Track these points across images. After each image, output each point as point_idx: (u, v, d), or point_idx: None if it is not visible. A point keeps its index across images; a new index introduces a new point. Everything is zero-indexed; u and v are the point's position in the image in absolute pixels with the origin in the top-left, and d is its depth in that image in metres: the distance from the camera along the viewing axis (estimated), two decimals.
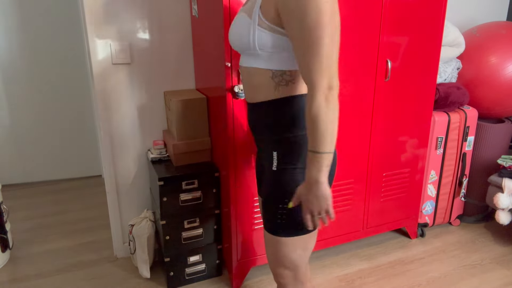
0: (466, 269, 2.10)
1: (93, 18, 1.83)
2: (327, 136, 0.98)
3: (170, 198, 1.81)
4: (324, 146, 0.98)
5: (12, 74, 2.93)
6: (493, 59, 2.28)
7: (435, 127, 2.20)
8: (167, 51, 2.01)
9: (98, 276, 2.05)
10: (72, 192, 3.04)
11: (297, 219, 1.13)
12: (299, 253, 1.19)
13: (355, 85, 1.87)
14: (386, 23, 1.84)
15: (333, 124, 0.98)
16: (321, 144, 0.98)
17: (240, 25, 1.10)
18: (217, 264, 2.00)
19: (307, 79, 0.99)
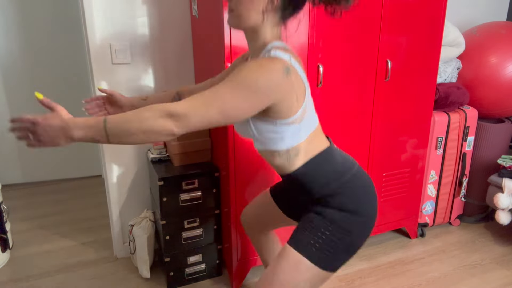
0: (466, 269, 2.10)
1: (93, 18, 1.83)
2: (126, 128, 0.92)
3: (170, 198, 1.81)
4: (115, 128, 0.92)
5: (12, 74, 2.93)
6: (493, 59, 2.28)
7: (435, 127, 2.20)
8: (167, 51, 2.01)
9: (98, 276, 2.05)
10: (72, 192, 3.04)
11: (332, 252, 1.12)
12: (305, 287, 1.13)
13: (355, 85, 1.87)
14: (386, 23, 1.84)
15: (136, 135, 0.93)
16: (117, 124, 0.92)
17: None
18: (217, 264, 2.00)
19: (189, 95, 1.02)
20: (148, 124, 0.92)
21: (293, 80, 1.05)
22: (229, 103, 0.97)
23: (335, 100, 1.85)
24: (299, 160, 1.16)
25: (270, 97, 1.01)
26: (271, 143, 1.15)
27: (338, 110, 1.87)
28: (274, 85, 1.00)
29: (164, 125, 0.93)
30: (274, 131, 1.12)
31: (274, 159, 1.19)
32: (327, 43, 1.74)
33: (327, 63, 1.77)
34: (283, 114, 1.07)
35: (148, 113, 0.93)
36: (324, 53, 1.75)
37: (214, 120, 0.98)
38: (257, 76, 0.98)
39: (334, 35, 1.74)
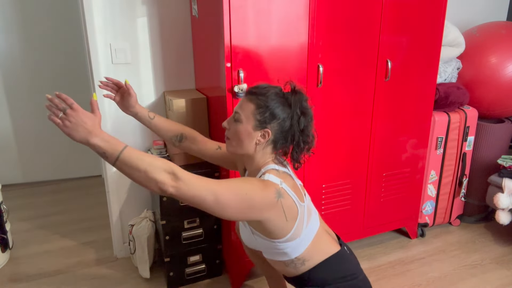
0: (466, 269, 2.10)
1: (93, 18, 1.83)
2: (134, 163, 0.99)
3: (170, 198, 1.81)
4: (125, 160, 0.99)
5: (13, 74, 2.93)
6: (493, 59, 2.28)
7: (435, 127, 2.20)
8: (167, 51, 2.01)
9: (98, 276, 2.05)
10: (72, 192, 3.04)
11: None
12: None
13: (355, 85, 1.87)
14: (386, 23, 1.84)
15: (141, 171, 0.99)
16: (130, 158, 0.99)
17: (245, 231, 1.34)
18: (217, 264, 2.00)
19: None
20: (153, 171, 0.99)
21: (284, 203, 1.15)
22: (225, 198, 1.05)
23: (335, 100, 1.85)
24: (306, 267, 1.26)
25: (261, 213, 1.12)
26: (276, 256, 1.27)
27: (338, 110, 1.87)
28: (267, 206, 1.11)
29: (164, 178, 0.99)
30: (275, 248, 1.23)
31: (281, 268, 1.31)
32: (327, 43, 1.74)
33: (327, 63, 1.77)
34: (277, 235, 1.19)
35: (161, 163, 1.01)
36: (324, 53, 1.75)
37: (206, 204, 1.04)
38: (256, 194, 1.09)
39: (334, 35, 1.74)
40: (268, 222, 1.15)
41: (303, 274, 1.27)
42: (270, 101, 1.18)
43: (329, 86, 1.81)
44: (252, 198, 1.09)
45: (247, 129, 1.19)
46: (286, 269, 1.29)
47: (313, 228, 1.26)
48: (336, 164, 1.95)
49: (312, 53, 1.72)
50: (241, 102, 1.23)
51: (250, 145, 1.21)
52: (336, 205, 2.03)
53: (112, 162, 1.00)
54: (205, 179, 1.06)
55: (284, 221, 1.17)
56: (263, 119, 1.18)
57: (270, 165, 1.22)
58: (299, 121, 1.20)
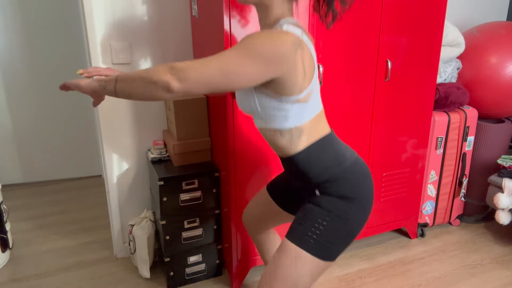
0: (466, 269, 2.10)
1: (93, 18, 1.83)
2: (129, 76, 0.98)
3: (170, 198, 1.81)
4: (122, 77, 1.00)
5: (12, 74, 2.93)
6: (493, 59, 2.28)
7: (435, 127, 2.20)
8: (167, 51, 2.01)
9: (98, 276, 2.05)
10: (72, 192, 3.04)
11: (329, 242, 1.12)
12: (307, 280, 1.13)
13: (355, 85, 1.87)
14: (386, 23, 1.84)
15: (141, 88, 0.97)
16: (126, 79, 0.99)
17: (242, 93, 1.16)
18: (217, 264, 2.00)
19: None
20: (149, 72, 0.95)
21: (303, 55, 1.02)
22: (232, 63, 0.94)
23: (335, 100, 1.85)
24: (301, 142, 1.14)
25: (275, 67, 0.97)
26: (274, 121, 1.12)
27: (338, 110, 1.87)
28: (282, 56, 0.97)
29: (162, 75, 0.93)
30: (278, 108, 1.09)
31: (276, 139, 1.16)
32: (327, 43, 1.74)
33: (327, 63, 1.77)
34: (289, 90, 1.04)
35: (157, 66, 0.96)
36: (324, 53, 1.75)
37: (214, 79, 0.94)
38: (266, 42, 0.95)
39: (334, 35, 1.74)
40: (285, 77, 1.01)
41: (297, 154, 1.15)
42: None
43: (329, 86, 1.81)
44: (264, 50, 0.95)
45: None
46: (280, 141, 1.15)
47: (318, 102, 1.15)
48: None
49: None
50: None
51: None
52: None
53: (113, 86, 1.00)
54: (204, 58, 0.96)
55: (303, 76, 1.04)
56: None
57: (289, 18, 1.09)
58: None
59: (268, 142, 1.20)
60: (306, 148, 1.14)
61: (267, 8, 1.10)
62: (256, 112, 1.14)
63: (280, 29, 1.01)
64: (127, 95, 1.00)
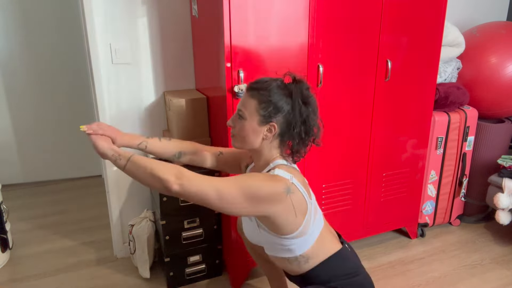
0: (466, 269, 2.10)
1: (93, 18, 1.83)
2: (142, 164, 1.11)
3: (170, 198, 1.81)
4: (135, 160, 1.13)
5: (12, 74, 2.93)
6: (493, 59, 2.28)
7: (435, 127, 2.20)
8: (167, 51, 2.01)
9: (98, 276, 2.05)
10: (72, 192, 3.04)
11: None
12: None
13: (355, 85, 1.87)
14: (386, 23, 1.84)
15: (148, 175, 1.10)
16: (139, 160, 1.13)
17: (249, 226, 1.32)
18: (217, 264, 2.00)
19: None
20: (160, 169, 1.08)
21: (293, 198, 1.13)
22: (230, 193, 1.07)
23: (335, 100, 1.85)
24: (309, 264, 1.25)
25: (266, 207, 1.10)
26: (281, 252, 1.25)
27: (338, 110, 1.87)
28: (274, 200, 1.10)
29: (169, 176, 1.06)
30: (280, 244, 1.21)
31: (285, 265, 1.29)
32: (327, 43, 1.74)
33: (327, 63, 1.77)
34: (284, 231, 1.17)
35: (169, 165, 1.10)
36: (324, 53, 1.75)
37: (210, 199, 1.07)
38: (261, 186, 1.09)
39: (334, 35, 1.74)
40: (276, 217, 1.14)
41: (306, 272, 1.26)
42: (273, 94, 1.16)
43: (329, 86, 1.81)
44: (257, 191, 1.08)
45: (252, 125, 1.18)
46: (289, 266, 1.28)
47: (319, 225, 1.26)
48: (336, 164, 1.95)
49: (312, 53, 1.72)
50: (243, 99, 1.21)
51: (257, 141, 1.20)
52: (336, 205, 2.03)
53: (124, 164, 1.13)
54: (210, 177, 1.09)
55: (294, 217, 1.15)
56: (268, 114, 1.16)
57: (278, 160, 1.21)
58: (300, 111, 1.17)
59: (281, 265, 1.33)
60: (314, 268, 1.25)
61: (258, 153, 1.24)
62: (264, 244, 1.29)
63: (272, 173, 1.15)
64: (132, 176, 1.13)
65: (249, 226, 1.31)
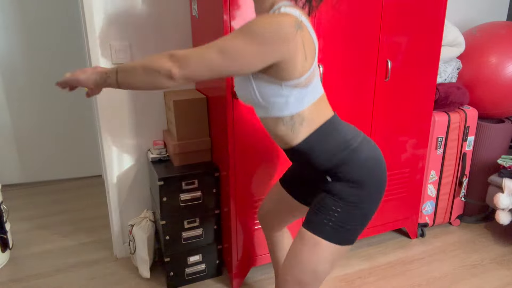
0: (466, 269, 2.10)
1: (93, 18, 1.83)
2: (130, 66, 1.01)
3: (170, 198, 1.81)
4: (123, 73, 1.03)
5: (12, 74, 2.93)
6: (493, 59, 2.28)
7: (435, 127, 2.20)
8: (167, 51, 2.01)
9: (98, 276, 2.05)
10: (72, 192, 3.04)
11: (346, 227, 1.13)
12: (326, 266, 1.15)
13: (355, 85, 1.87)
14: (386, 23, 1.84)
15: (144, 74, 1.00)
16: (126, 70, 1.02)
17: (240, 82, 1.15)
18: (217, 264, 2.00)
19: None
20: (150, 61, 0.98)
21: (303, 36, 1.01)
22: (232, 45, 0.95)
23: (335, 100, 1.85)
24: (304, 129, 1.13)
25: (275, 48, 0.97)
26: (275, 109, 1.11)
27: (338, 110, 1.87)
28: (282, 36, 0.96)
29: (163, 63, 0.96)
30: (277, 94, 1.08)
31: (278, 128, 1.15)
32: (327, 43, 1.74)
33: (327, 63, 1.77)
34: (289, 74, 1.03)
35: (156, 55, 0.99)
36: (324, 53, 1.75)
37: (215, 62, 0.96)
38: (266, 24, 0.95)
39: (334, 35, 1.74)
40: (283, 60, 1.00)
41: (300, 145, 1.15)
42: None
43: (329, 86, 1.81)
44: (264, 32, 0.94)
45: None
46: (281, 130, 1.14)
47: (318, 87, 1.14)
48: None
49: None
50: None
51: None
52: None
53: (115, 78, 1.03)
54: (205, 44, 0.99)
55: (303, 58, 1.02)
56: None
57: (284, 1, 1.08)
58: None
59: (270, 133, 1.19)
60: (309, 136, 1.14)
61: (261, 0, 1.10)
62: (256, 101, 1.13)
63: (278, 12, 1.01)
64: (130, 85, 1.02)
65: (243, 82, 1.13)
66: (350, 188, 1.13)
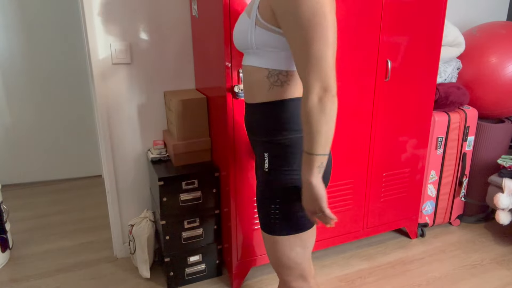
0: (466, 269, 2.10)
1: (93, 18, 1.83)
2: (319, 138, 0.97)
3: (170, 198, 1.81)
4: (316, 148, 0.98)
5: (12, 74, 2.93)
6: (493, 59, 2.28)
7: (435, 127, 2.20)
8: (167, 51, 2.01)
9: (98, 276, 2.05)
10: (72, 192, 3.04)
11: (291, 217, 1.13)
12: (298, 251, 1.18)
13: (355, 85, 1.87)
14: (386, 23, 1.84)
15: (328, 126, 0.97)
16: (313, 146, 0.98)
17: (241, 24, 1.14)
18: (217, 264, 2.00)
19: (302, 79, 0.99)
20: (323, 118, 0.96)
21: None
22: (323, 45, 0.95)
23: None
24: (282, 91, 1.11)
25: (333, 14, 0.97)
26: (267, 59, 1.10)
27: (338, 110, 1.87)
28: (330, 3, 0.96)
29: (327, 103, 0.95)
30: (274, 44, 1.07)
31: (260, 80, 1.12)
32: None
33: None
34: None
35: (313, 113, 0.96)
36: None
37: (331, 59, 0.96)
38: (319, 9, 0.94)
39: None
40: None
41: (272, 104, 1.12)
42: None
43: None
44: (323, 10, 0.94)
45: None
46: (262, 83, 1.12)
47: None
48: (336, 164, 1.95)
49: None
50: None
51: None
52: (336, 205, 2.03)
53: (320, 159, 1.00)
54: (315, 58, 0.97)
55: None
56: None
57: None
58: None
59: (246, 81, 1.17)
60: (280, 101, 1.11)
61: None
62: (248, 47, 1.11)
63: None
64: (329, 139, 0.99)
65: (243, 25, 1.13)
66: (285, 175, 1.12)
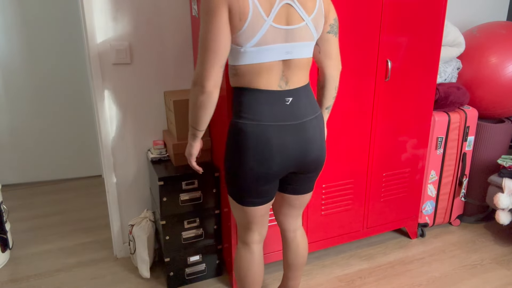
0: (466, 269, 2.10)
1: (93, 18, 1.83)
2: (190, 114, 1.28)
3: (170, 198, 1.81)
4: (190, 119, 1.30)
5: (12, 74, 2.93)
6: (493, 59, 2.28)
7: (435, 127, 2.20)
8: (167, 51, 2.01)
9: (98, 276, 2.05)
10: (72, 192, 3.04)
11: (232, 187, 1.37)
12: (236, 214, 1.44)
13: (355, 85, 1.87)
14: (386, 23, 1.84)
15: (193, 109, 1.25)
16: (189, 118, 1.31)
17: None
18: (217, 264, 2.00)
19: None
20: (192, 100, 1.25)
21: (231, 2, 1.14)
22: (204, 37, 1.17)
23: (335, 100, 1.85)
24: (233, 80, 1.31)
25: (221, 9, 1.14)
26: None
27: (338, 110, 1.87)
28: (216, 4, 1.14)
29: (195, 93, 1.22)
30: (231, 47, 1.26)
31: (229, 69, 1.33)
32: None
33: None
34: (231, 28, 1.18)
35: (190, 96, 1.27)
36: None
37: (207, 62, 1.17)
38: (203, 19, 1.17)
39: None
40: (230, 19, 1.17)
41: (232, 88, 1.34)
42: None
43: None
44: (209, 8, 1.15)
45: None
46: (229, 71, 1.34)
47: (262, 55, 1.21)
48: (336, 164, 1.95)
49: None
50: None
51: None
52: (336, 205, 2.03)
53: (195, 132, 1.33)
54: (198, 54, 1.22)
55: (237, 20, 1.15)
56: None
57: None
58: None
59: None
60: (234, 87, 1.32)
61: None
62: None
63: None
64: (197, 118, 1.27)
65: None
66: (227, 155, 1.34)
